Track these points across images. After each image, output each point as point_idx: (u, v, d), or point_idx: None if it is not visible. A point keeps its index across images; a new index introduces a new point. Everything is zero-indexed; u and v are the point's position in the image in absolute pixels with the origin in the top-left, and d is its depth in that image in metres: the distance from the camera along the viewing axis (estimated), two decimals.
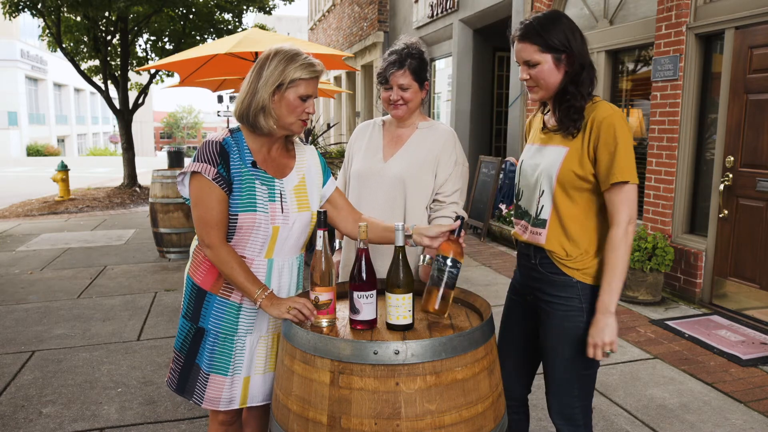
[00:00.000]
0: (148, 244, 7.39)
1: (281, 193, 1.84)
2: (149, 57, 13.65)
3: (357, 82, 15.31)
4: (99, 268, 6.25)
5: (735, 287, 4.53)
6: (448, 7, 9.49)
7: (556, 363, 1.92)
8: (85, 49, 12.95)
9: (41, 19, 11.72)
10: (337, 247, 2.48)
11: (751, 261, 4.38)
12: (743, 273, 4.46)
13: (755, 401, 3.15)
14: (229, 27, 13.20)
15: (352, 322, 1.67)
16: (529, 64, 1.82)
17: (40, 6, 10.97)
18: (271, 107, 1.76)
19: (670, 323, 4.31)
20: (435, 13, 10.00)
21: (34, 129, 33.10)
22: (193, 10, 12.51)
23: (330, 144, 11.75)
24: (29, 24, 28.94)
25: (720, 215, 4.59)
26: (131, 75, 13.63)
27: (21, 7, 10.92)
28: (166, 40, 13.33)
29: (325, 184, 1.99)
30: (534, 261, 1.93)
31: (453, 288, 1.73)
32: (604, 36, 5.93)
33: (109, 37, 12.51)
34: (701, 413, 3.03)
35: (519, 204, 2.01)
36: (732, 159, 4.49)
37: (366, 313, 1.65)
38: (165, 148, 10.16)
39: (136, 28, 12.65)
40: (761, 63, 4.28)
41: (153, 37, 13.44)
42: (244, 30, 11.06)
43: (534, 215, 1.90)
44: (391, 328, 1.65)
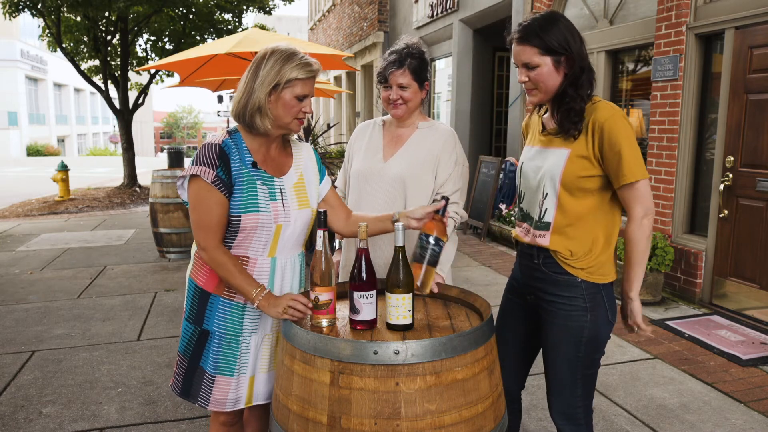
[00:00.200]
0: (148, 244, 7.39)
1: (282, 191, 1.85)
2: (149, 57, 13.64)
3: (357, 82, 15.31)
4: (99, 268, 6.25)
5: (735, 287, 4.53)
6: (448, 7, 9.48)
7: (558, 363, 1.92)
8: (85, 49, 12.95)
9: (41, 19, 11.72)
10: (337, 247, 2.48)
11: (751, 261, 4.38)
12: (743, 273, 4.46)
13: (755, 401, 3.15)
14: (229, 27, 13.20)
15: (352, 322, 1.67)
16: (528, 66, 1.81)
17: (40, 6, 10.97)
18: (268, 107, 1.76)
19: (670, 323, 4.31)
20: (435, 13, 10.00)
21: (34, 129, 33.10)
22: (193, 10, 12.51)
23: (330, 144, 11.73)
24: (29, 24, 28.93)
25: (720, 215, 4.59)
26: (131, 75, 13.63)
27: (21, 7, 10.92)
28: (166, 40, 13.33)
29: (322, 181, 2.00)
30: (537, 261, 1.92)
31: (435, 265, 1.77)
32: (604, 36, 5.93)
33: (109, 37, 12.51)
34: (701, 413, 3.03)
35: (521, 206, 2.00)
36: (732, 159, 4.49)
37: (366, 313, 1.65)
38: (165, 148, 10.14)
39: (136, 28, 12.65)
40: (761, 63, 4.28)
41: (153, 37, 13.44)
42: (244, 30, 11.06)
43: (537, 218, 1.90)
44: (391, 328, 1.65)
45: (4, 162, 25.99)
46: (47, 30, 12.24)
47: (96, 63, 13.34)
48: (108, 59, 12.69)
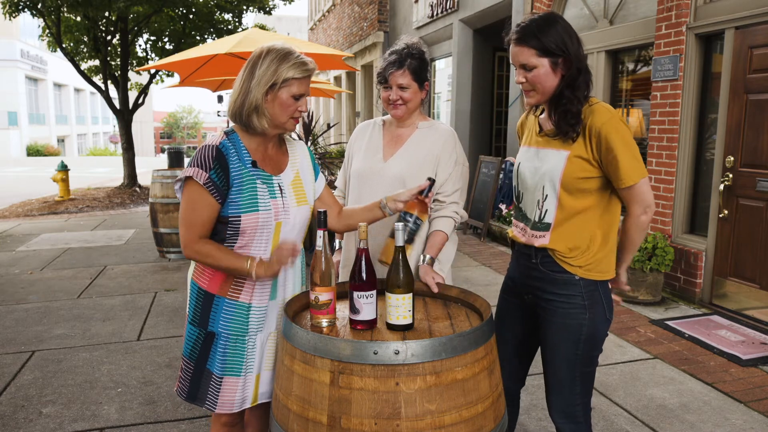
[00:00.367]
0: (148, 244, 7.39)
1: (281, 188, 1.86)
2: (149, 57, 13.65)
3: (357, 82, 15.31)
4: (99, 268, 6.25)
5: (735, 287, 4.53)
6: (448, 7, 9.49)
7: (557, 361, 1.93)
8: (85, 49, 12.95)
9: (41, 19, 11.72)
10: (337, 247, 2.47)
11: (751, 261, 4.38)
12: (743, 273, 4.46)
13: (755, 401, 3.15)
14: (229, 27, 13.20)
15: (352, 322, 1.67)
16: (526, 67, 1.82)
17: (40, 6, 10.97)
18: (265, 107, 1.77)
19: (670, 323, 4.31)
20: (435, 13, 10.00)
21: (34, 129, 33.10)
22: (193, 10, 12.51)
23: (330, 144, 11.73)
24: (29, 24, 28.94)
25: (720, 215, 4.59)
26: (131, 75, 13.64)
27: (21, 7, 10.93)
28: (166, 40, 13.33)
29: (317, 179, 2.03)
30: (535, 260, 1.93)
31: (411, 242, 1.81)
32: (604, 36, 5.93)
33: (109, 37, 12.51)
34: (701, 413, 3.03)
35: (519, 206, 2.01)
36: (732, 159, 4.49)
37: (366, 313, 1.65)
38: (166, 148, 10.10)
39: (136, 28, 12.65)
40: (761, 63, 4.28)
41: (153, 37, 13.44)
42: (244, 30, 11.06)
43: (536, 219, 1.91)
44: (391, 328, 1.65)
45: (4, 162, 25.99)
46: (47, 30, 12.24)
47: (96, 63, 13.34)
48: (108, 59, 12.69)
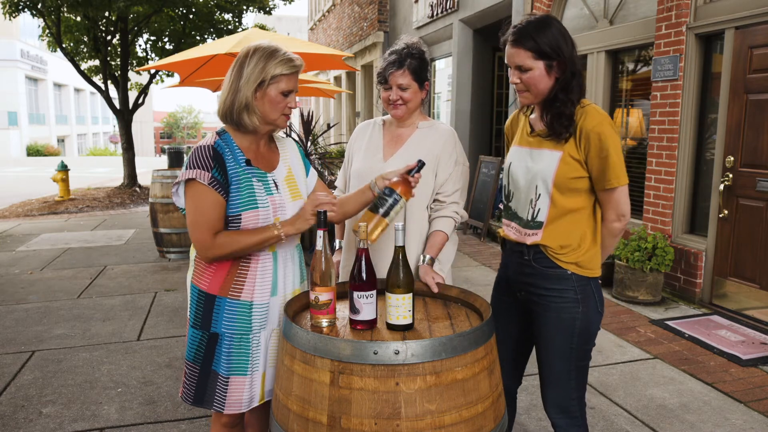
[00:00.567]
0: (148, 244, 7.39)
1: (276, 185, 1.88)
2: (149, 57, 13.64)
3: (357, 82, 15.31)
4: (99, 268, 6.25)
5: (735, 287, 4.53)
6: (448, 7, 9.48)
7: (552, 355, 1.97)
8: (85, 49, 12.95)
9: (41, 19, 11.72)
10: (337, 247, 2.48)
11: (751, 261, 4.38)
12: (743, 273, 4.46)
13: (755, 401, 3.15)
14: (229, 27, 13.20)
15: (352, 322, 1.67)
16: (521, 69, 1.85)
17: (40, 6, 10.97)
18: (255, 104, 1.80)
19: (670, 323, 4.31)
20: (435, 13, 10.00)
21: (34, 129, 33.09)
22: (193, 10, 12.50)
23: (330, 144, 11.73)
24: (29, 24, 28.93)
25: (720, 215, 4.59)
26: (131, 75, 13.63)
27: (21, 7, 10.92)
28: (166, 40, 13.33)
29: (308, 174, 2.06)
30: (527, 257, 1.96)
31: (387, 216, 1.84)
32: (604, 36, 5.93)
33: (109, 37, 12.51)
34: (701, 413, 3.03)
35: (509, 205, 2.05)
36: (732, 159, 4.49)
37: (366, 313, 1.65)
38: (166, 148, 10.10)
39: (136, 28, 12.65)
40: (761, 63, 4.28)
41: (153, 37, 13.43)
42: (244, 30, 11.05)
43: (528, 218, 1.94)
44: (391, 328, 1.66)
45: (4, 162, 25.99)
46: (47, 30, 12.23)
47: (96, 63, 13.33)
48: (108, 59, 12.69)
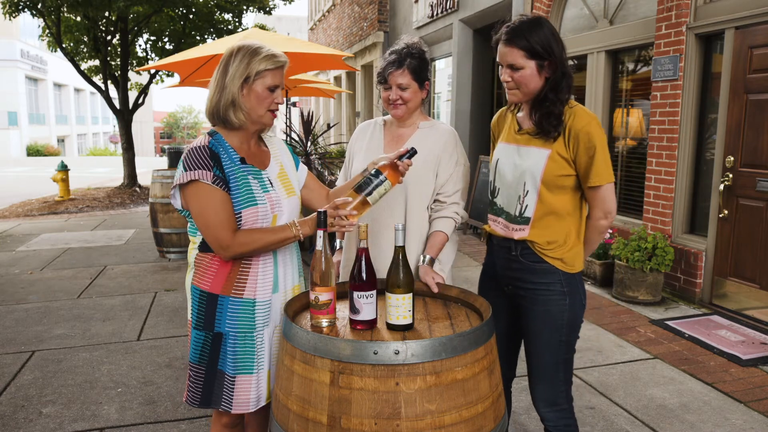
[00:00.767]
0: (148, 244, 7.39)
1: (270, 182, 1.90)
2: (149, 57, 13.64)
3: (357, 82, 15.31)
4: (99, 268, 6.25)
5: (735, 287, 4.53)
6: (448, 7, 9.48)
7: (541, 348, 2.01)
8: (85, 49, 12.95)
9: (41, 19, 11.72)
10: (338, 247, 2.47)
11: (751, 261, 4.38)
12: (743, 273, 4.46)
13: (755, 401, 3.15)
14: (229, 27, 13.20)
15: (352, 322, 1.67)
16: (513, 67, 1.89)
17: (40, 6, 10.97)
18: (241, 101, 1.81)
19: (670, 323, 4.31)
20: (435, 13, 10.00)
21: (34, 129, 33.09)
22: (193, 10, 12.50)
23: (330, 144, 11.72)
24: (29, 24, 28.93)
25: (720, 215, 4.59)
26: (131, 75, 13.63)
27: (21, 7, 10.92)
28: (166, 40, 13.33)
29: (298, 169, 2.07)
30: (515, 252, 2.01)
31: (369, 196, 1.84)
32: (604, 36, 5.92)
33: (109, 37, 12.51)
34: (701, 413, 3.03)
35: (495, 201, 2.08)
36: (732, 159, 4.49)
37: (366, 313, 1.65)
38: (166, 148, 10.10)
39: (136, 28, 12.65)
40: (761, 63, 4.28)
41: (153, 37, 13.43)
42: (244, 30, 11.06)
43: (516, 214, 1.99)
44: (391, 328, 1.66)
45: (4, 162, 25.99)
46: (47, 30, 12.23)
47: (96, 63, 13.33)
48: (108, 59, 12.69)
